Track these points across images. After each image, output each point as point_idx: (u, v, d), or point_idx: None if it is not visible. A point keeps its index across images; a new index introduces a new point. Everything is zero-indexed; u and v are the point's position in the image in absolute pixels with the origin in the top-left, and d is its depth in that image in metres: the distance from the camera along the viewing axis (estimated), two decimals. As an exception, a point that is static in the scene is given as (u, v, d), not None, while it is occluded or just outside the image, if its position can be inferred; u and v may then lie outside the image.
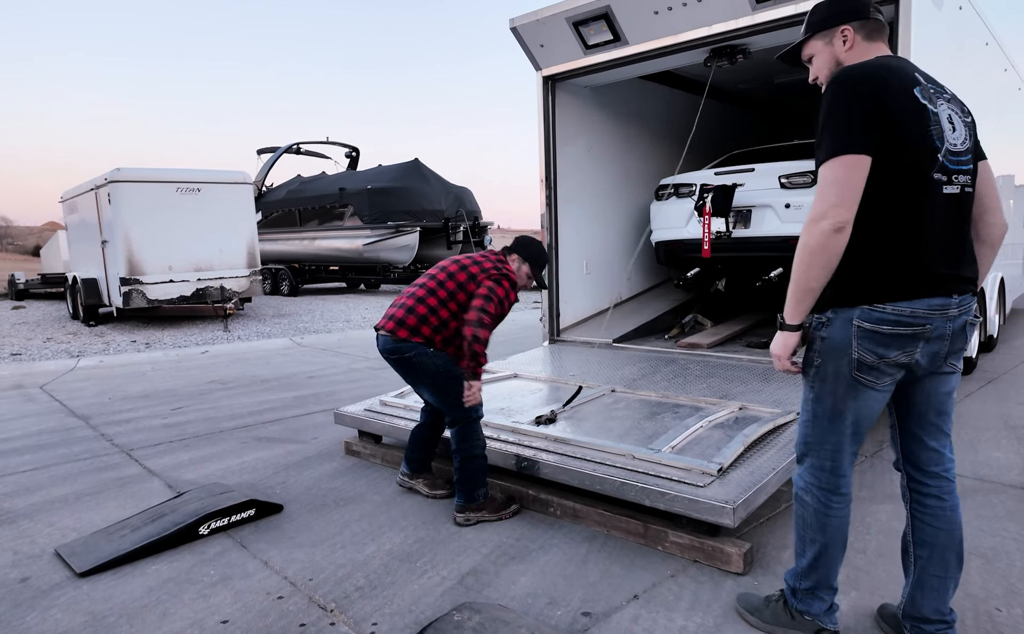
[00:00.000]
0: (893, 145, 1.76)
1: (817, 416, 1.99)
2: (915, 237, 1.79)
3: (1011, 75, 7.23)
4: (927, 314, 1.80)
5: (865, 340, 1.83)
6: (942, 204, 1.81)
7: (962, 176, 1.85)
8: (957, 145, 1.84)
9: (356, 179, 17.25)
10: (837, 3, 1.96)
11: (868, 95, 1.75)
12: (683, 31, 4.92)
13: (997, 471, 3.59)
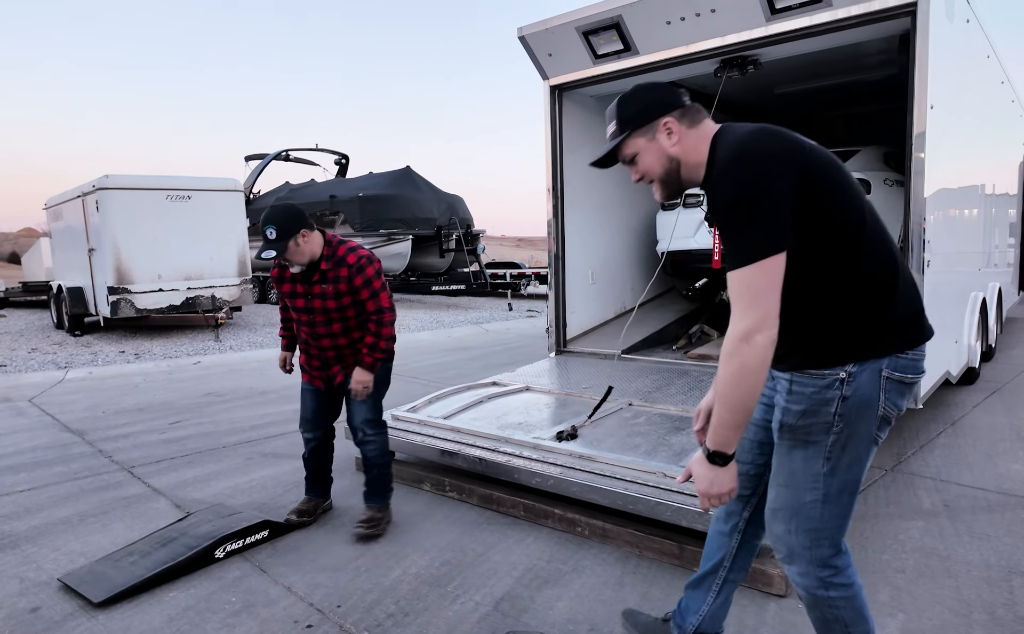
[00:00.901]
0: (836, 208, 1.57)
1: (833, 494, 1.65)
2: (905, 282, 1.66)
3: (1007, 88, 7.32)
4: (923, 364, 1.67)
5: (892, 393, 1.62)
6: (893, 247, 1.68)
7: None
8: None
9: (347, 186, 17.10)
10: (647, 96, 1.72)
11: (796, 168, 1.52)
12: (695, 42, 4.89)
13: (1020, 485, 3.57)
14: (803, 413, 1.64)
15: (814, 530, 1.66)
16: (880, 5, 4.11)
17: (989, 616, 2.35)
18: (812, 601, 1.73)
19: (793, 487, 1.68)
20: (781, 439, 1.70)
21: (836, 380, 1.60)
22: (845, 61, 6.17)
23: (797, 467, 1.67)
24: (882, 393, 1.61)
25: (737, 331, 1.49)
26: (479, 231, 16.53)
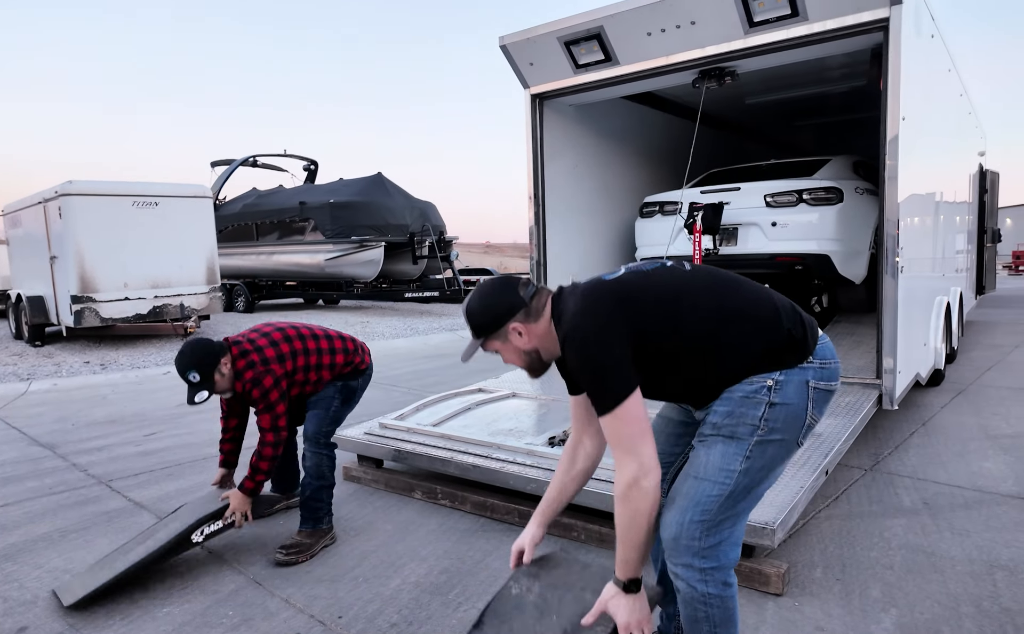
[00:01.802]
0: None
1: (740, 492, 1.70)
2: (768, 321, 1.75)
3: (964, 99, 7.63)
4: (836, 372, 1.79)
5: (819, 403, 1.73)
6: None
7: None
8: None
9: (317, 193, 16.90)
10: (491, 308, 1.80)
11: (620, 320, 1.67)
12: (675, 53, 4.99)
13: (992, 482, 3.72)
14: (729, 413, 1.70)
15: (706, 522, 1.69)
16: (854, 20, 4.25)
17: (976, 608, 2.44)
18: (688, 596, 1.72)
19: (703, 479, 1.70)
20: (702, 437, 1.75)
21: (763, 387, 1.68)
22: (815, 73, 6.37)
23: (714, 459, 1.70)
24: (810, 403, 1.71)
25: (624, 479, 1.61)
26: (452, 237, 16.50)
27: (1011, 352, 7.93)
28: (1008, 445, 4.38)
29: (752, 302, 1.75)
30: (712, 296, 1.74)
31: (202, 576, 2.90)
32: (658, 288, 1.75)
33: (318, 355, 3.18)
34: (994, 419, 5.02)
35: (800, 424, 1.71)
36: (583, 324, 1.68)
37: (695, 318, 1.70)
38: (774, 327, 1.72)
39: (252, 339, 3.06)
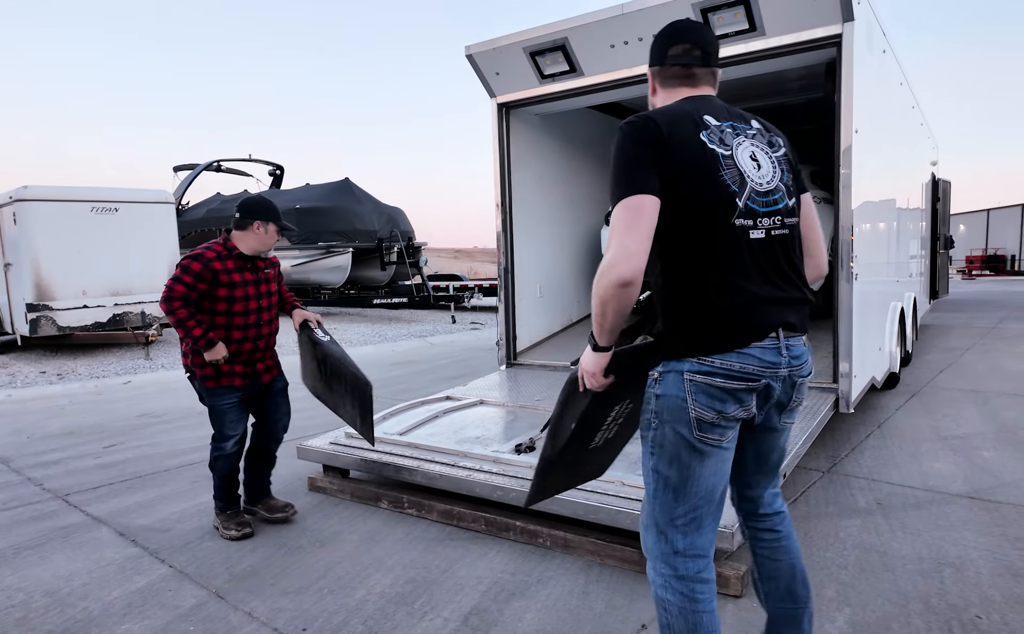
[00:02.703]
0: (681, 192, 1.66)
1: (659, 490, 1.73)
2: (728, 285, 1.67)
3: (916, 111, 7.91)
4: (759, 370, 1.69)
5: (700, 395, 1.67)
6: (751, 249, 1.70)
7: (770, 218, 1.73)
8: (763, 184, 1.73)
9: (283, 198, 16.71)
10: (651, 49, 1.91)
11: (644, 133, 1.67)
12: (638, 65, 5.07)
13: (943, 482, 3.86)
14: (643, 408, 1.80)
15: (652, 526, 1.76)
16: (809, 35, 4.39)
17: (925, 606, 2.54)
18: (655, 599, 1.77)
19: (645, 483, 1.81)
20: None
21: (652, 379, 1.75)
22: (773, 85, 6.54)
23: (643, 461, 1.80)
24: (688, 396, 1.67)
25: (601, 265, 1.66)
26: (421, 243, 16.46)
27: (963, 354, 8.22)
28: (958, 446, 4.55)
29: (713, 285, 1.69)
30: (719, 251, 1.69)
31: (162, 590, 2.86)
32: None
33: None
34: (945, 421, 5.20)
35: (684, 415, 1.67)
36: (635, 119, 1.71)
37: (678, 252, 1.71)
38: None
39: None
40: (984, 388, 6.29)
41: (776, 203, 1.75)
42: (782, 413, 1.84)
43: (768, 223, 1.72)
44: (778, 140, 1.87)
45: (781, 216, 1.75)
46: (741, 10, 4.44)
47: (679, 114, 1.72)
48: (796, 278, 1.80)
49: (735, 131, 1.77)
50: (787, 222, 1.77)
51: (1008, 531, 3.17)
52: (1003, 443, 4.57)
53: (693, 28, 1.86)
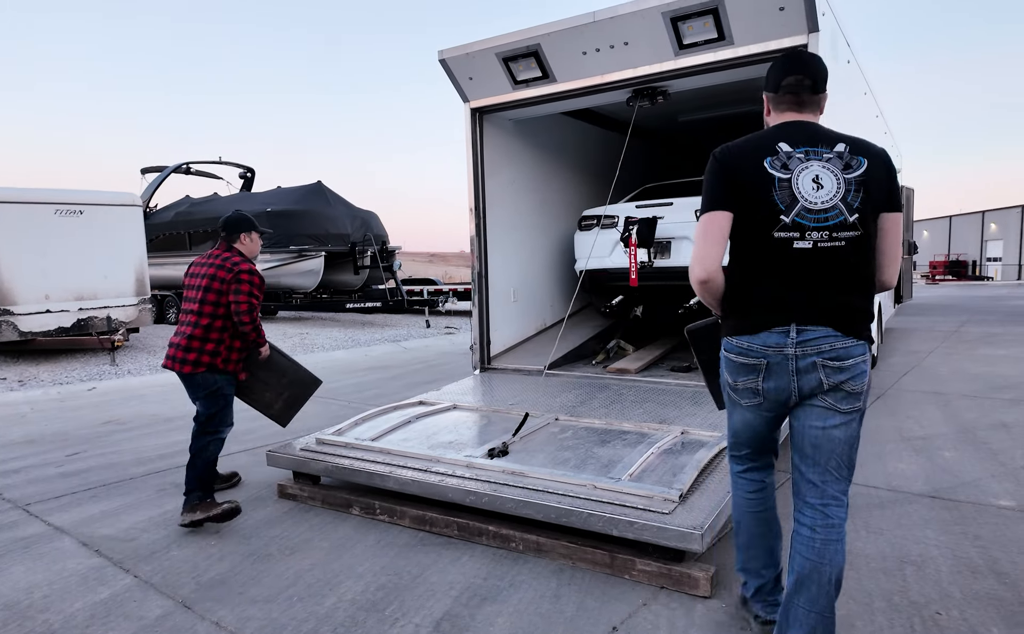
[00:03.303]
0: (741, 208, 2.07)
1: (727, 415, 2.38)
2: (757, 286, 2.08)
3: (880, 120, 8.11)
4: (760, 346, 2.06)
5: (726, 366, 2.22)
6: (792, 258, 2.01)
7: (821, 231, 2.00)
8: (819, 202, 2.00)
9: (253, 201, 16.51)
10: (767, 74, 2.27)
11: (721, 163, 2.12)
12: (609, 72, 5.14)
13: (906, 482, 3.96)
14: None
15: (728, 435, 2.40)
16: (776, 45, 4.48)
17: (887, 603, 2.60)
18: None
19: None
20: None
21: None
22: (742, 93, 6.65)
23: None
24: (723, 364, 2.24)
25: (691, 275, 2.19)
26: (395, 247, 16.38)
27: (926, 357, 8.43)
28: (920, 446, 4.67)
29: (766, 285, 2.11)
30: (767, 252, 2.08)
31: (126, 601, 2.80)
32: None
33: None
34: (908, 422, 5.33)
35: (724, 378, 2.25)
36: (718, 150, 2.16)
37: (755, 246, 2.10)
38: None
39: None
40: (946, 390, 6.46)
41: (829, 220, 2.00)
42: (817, 399, 2.04)
43: (817, 236, 2.00)
44: (861, 161, 2.06)
45: (832, 231, 2.00)
46: (710, 19, 4.52)
47: (751, 145, 2.12)
48: (844, 284, 2.03)
49: (807, 156, 2.06)
50: (840, 236, 2.01)
51: (967, 529, 3.26)
52: (963, 444, 4.70)
53: (807, 61, 2.21)
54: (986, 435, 4.88)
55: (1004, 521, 3.35)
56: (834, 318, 2.01)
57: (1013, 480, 3.93)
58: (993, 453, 4.46)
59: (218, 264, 3.67)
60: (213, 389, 3.68)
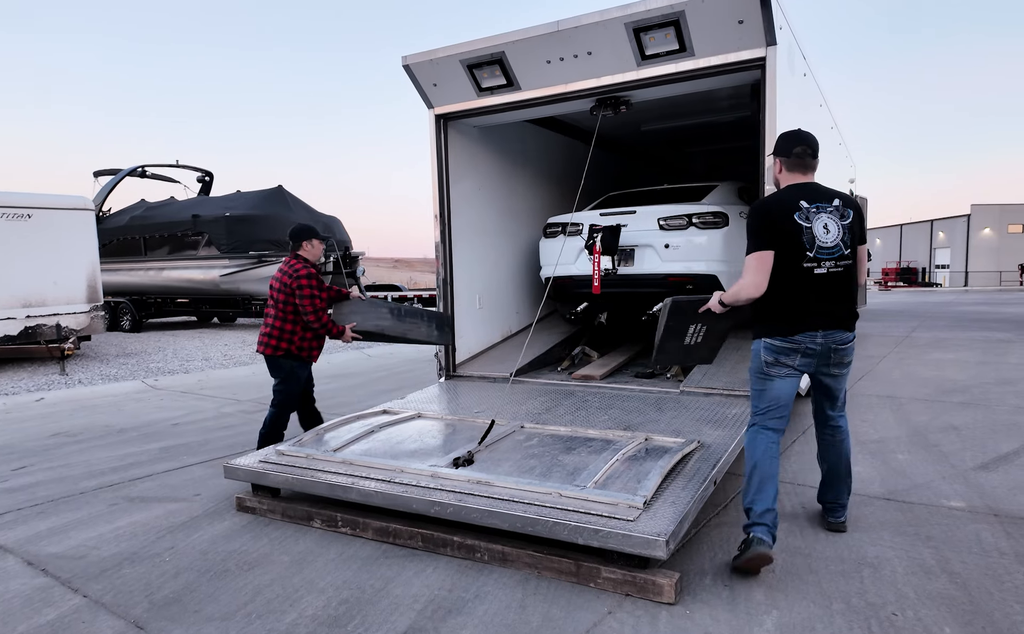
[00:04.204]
0: (779, 248, 2.97)
1: (753, 395, 3.20)
2: (793, 300, 3.01)
3: (835, 132, 8.35)
4: (801, 340, 3.02)
5: (769, 351, 3.08)
6: (814, 280, 2.99)
7: (830, 262, 2.99)
8: (827, 242, 2.99)
9: (212, 205, 16.15)
10: (778, 143, 3.25)
11: (765, 216, 3.04)
12: (573, 81, 5.17)
13: (862, 484, 4.05)
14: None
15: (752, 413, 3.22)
16: (735, 58, 4.58)
17: (846, 605, 2.65)
18: (746, 444, 3.16)
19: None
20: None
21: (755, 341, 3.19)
22: (703, 104, 6.77)
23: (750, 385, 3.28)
24: (763, 351, 3.09)
25: (742, 281, 3.07)
26: (358, 253, 16.19)
27: (880, 362, 8.68)
28: (875, 449, 4.79)
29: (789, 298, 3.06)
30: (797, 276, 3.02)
31: (74, 622, 2.68)
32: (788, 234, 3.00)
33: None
34: (863, 426, 5.47)
35: (759, 360, 3.11)
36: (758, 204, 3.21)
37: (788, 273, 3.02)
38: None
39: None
40: (899, 394, 6.66)
41: (834, 253, 3.00)
42: (830, 367, 3.11)
43: (829, 265, 3.00)
44: (849, 212, 3.09)
45: (836, 261, 3.01)
46: (672, 31, 4.59)
47: (784, 200, 3.04)
48: (846, 297, 3.08)
49: (819, 210, 3.02)
50: (841, 264, 3.03)
51: (920, 530, 3.36)
52: (916, 446, 4.85)
53: (808, 137, 3.20)
54: (937, 438, 5.05)
55: (955, 522, 3.46)
56: (843, 322, 3.07)
57: (963, 482, 4.07)
58: (944, 455, 4.61)
59: (286, 271, 4.54)
60: (288, 371, 4.61)
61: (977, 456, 4.57)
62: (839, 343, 3.06)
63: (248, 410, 6.89)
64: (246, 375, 9.44)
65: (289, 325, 4.53)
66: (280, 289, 4.53)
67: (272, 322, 4.55)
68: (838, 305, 3.03)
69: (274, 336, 4.54)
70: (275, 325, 4.54)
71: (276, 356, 4.55)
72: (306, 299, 4.43)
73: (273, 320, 4.55)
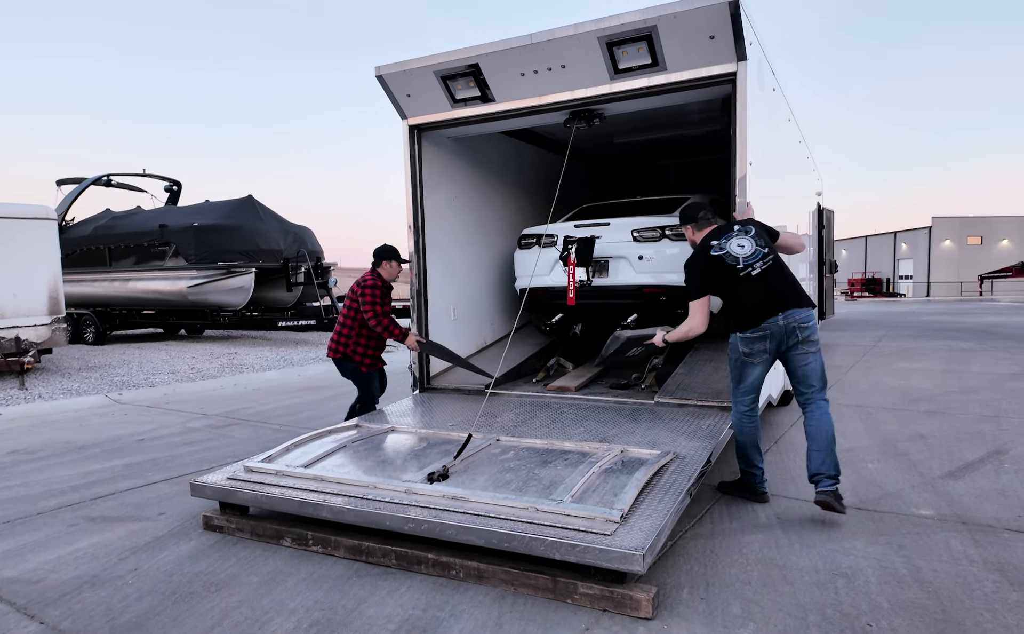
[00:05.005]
0: (717, 278, 3.82)
1: (733, 382, 3.90)
2: (749, 299, 3.72)
3: (802, 146, 8.50)
4: (767, 326, 3.68)
5: (743, 343, 3.78)
6: (755, 280, 3.74)
7: (758, 262, 3.75)
8: (746, 252, 3.78)
9: (180, 215, 15.84)
10: (683, 213, 4.19)
11: (695, 268, 3.90)
12: (547, 94, 5.18)
13: (833, 494, 4.09)
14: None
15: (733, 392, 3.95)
16: (707, 72, 4.63)
17: (821, 616, 2.66)
18: (733, 422, 3.94)
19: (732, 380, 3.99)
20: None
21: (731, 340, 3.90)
22: (675, 117, 6.84)
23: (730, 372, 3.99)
24: (740, 343, 3.79)
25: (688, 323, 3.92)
26: (330, 263, 16.01)
27: (848, 372, 8.84)
28: (846, 459, 4.85)
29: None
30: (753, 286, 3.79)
31: (31, 653, 2.56)
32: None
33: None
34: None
35: (738, 351, 3.82)
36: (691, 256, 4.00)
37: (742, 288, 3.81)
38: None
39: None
40: (867, 403, 6.77)
41: (757, 256, 3.78)
42: (797, 347, 3.69)
43: (759, 265, 3.76)
44: (751, 228, 3.92)
45: (763, 260, 3.78)
46: (645, 46, 4.62)
47: (702, 250, 3.91)
48: (787, 281, 3.78)
49: (727, 239, 3.85)
50: (768, 260, 3.78)
51: (892, 539, 3.40)
52: (885, 455, 4.92)
53: (704, 203, 4.27)
54: (906, 447, 5.13)
55: (924, 530, 3.51)
56: (794, 301, 3.70)
57: (931, 490, 4.13)
58: (912, 464, 4.68)
59: (359, 282, 5.13)
60: (350, 371, 5.21)
61: (944, 464, 4.65)
62: (800, 322, 3.65)
63: (216, 425, 6.73)
64: (214, 388, 9.24)
65: (347, 331, 5.12)
66: (351, 298, 5.13)
67: (338, 329, 5.18)
68: (785, 289, 3.72)
69: (337, 342, 5.18)
70: (340, 331, 5.16)
71: (337, 359, 5.19)
72: (367, 303, 4.99)
73: (340, 326, 5.17)
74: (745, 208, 4.51)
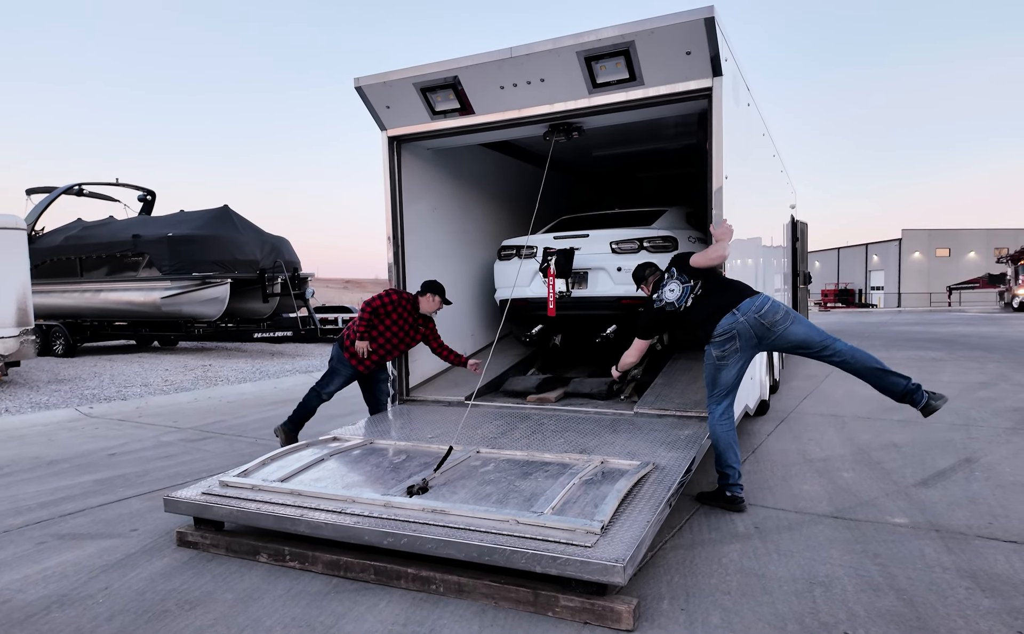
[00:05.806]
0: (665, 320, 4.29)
1: (708, 385, 4.06)
2: (704, 316, 4.02)
3: (776, 160, 8.64)
4: (728, 326, 3.90)
5: (715, 347, 3.97)
6: (696, 301, 4.10)
7: (690, 297, 4.12)
8: (677, 295, 4.17)
9: (153, 225, 15.61)
10: (634, 276, 4.68)
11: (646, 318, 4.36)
12: (526, 107, 5.21)
13: (811, 503, 4.14)
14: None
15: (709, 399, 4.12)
16: (684, 87, 4.69)
17: (800, 625, 2.68)
18: (710, 426, 4.07)
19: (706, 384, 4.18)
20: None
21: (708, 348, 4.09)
22: (653, 131, 6.93)
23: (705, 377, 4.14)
24: (713, 349, 3.99)
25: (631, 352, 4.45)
26: (307, 274, 15.88)
27: (823, 381, 8.96)
28: (821, 468, 4.92)
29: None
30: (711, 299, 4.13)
31: None
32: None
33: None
34: (810, 445, 5.62)
35: (712, 356, 4.00)
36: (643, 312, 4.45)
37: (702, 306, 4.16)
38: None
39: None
40: (841, 413, 6.87)
41: (687, 291, 4.15)
42: (775, 327, 3.86)
43: (692, 296, 4.12)
44: (673, 269, 4.29)
45: (693, 290, 4.14)
46: (622, 61, 4.67)
47: (649, 303, 4.35)
48: (723, 287, 4.12)
49: (662, 288, 4.27)
50: (698, 287, 4.13)
51: (868, 547, 3.44)
52: (860, 464, 4.99)
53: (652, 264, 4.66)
54: (880, 455, 5.21)
55: (899, 538, 3.56)
56: (739, 297, 3.99)
57: (905, 498, 4.20)
58: (887, 472, 4.76)
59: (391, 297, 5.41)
60: (332, 356, 5.48)
61: (917, 472, 4.74)
62: (759, 310, 3.87)
63: (190, 438, 6.61)
64: (188, 401, 9.08)
65: (354, 324, 5.38)
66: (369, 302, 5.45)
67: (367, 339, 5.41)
68: (724, 294, 4.03)
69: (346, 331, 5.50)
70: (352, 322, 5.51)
71: (336, 343, 5.51)
72: (370, 302, 5.30)
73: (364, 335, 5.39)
74: (721, 221, 4.58)
